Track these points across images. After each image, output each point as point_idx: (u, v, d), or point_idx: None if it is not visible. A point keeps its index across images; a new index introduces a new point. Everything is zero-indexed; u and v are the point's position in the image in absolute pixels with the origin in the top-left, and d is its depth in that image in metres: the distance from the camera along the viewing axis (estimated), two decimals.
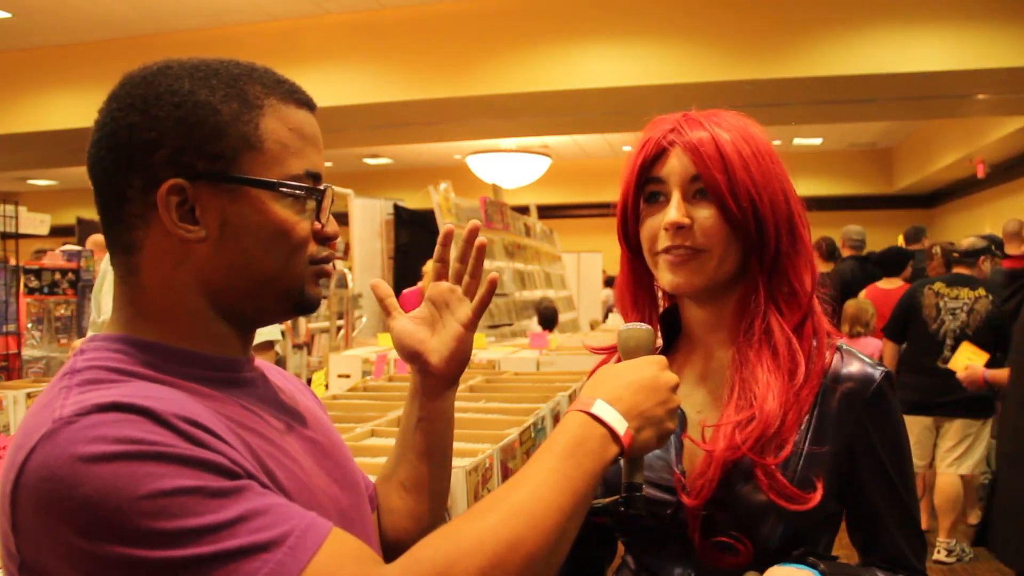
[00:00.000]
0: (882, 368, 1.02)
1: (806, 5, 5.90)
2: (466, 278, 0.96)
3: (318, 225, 0.79)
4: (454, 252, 0.98)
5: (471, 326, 0.95)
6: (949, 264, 4.38)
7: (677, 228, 0.98)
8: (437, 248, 0.96)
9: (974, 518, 4.42)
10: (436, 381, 0.95)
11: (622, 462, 0.86)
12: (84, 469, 0.58)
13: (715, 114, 1.03)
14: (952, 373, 3.78)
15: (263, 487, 0.65)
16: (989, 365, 3.71)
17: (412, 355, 0.94)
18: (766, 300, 1.02)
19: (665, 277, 1.02)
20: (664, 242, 1.00)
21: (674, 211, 0.98)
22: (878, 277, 5.17)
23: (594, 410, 0.79)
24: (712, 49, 6.02)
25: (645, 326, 0.92)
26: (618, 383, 0.83)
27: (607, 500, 0.90)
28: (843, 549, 1.05)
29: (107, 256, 2.47)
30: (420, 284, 6.03)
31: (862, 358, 1.03)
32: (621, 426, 0.79)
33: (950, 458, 4.05)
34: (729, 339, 1.05)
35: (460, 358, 0.95)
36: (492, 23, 6.36)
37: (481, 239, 0.95)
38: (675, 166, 1.00)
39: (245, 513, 0.61)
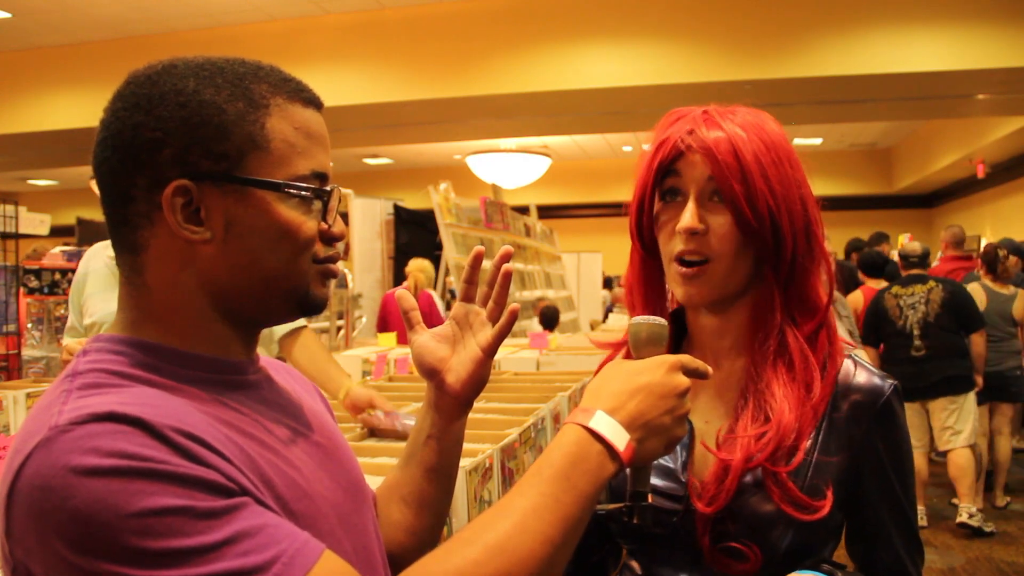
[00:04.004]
0: (891, 381, 1.01)
1: (806, 5, 5.90)
2: (490, 303, 0.95)
3: (324, 225, 0.77)
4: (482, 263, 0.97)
5: (490, 352, 0.93)
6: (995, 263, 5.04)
7: (691, 233, 0.97)
8: (466, 269, 0.96)
9: (1001, 501, 4.90)
10: (451, 401, 0.94)
11: (628, 470, 0.83)
12: (76, 481, 0.58)
13: (733, 112, 1.00)
14: (925, 359, 4.43)
15: (258, 502, 0.65)
16: (959, 347, 4.44)
17: (430, 372, 0.93)
18: (782, 313, 1.00)
19: (677, 290, 1.00)
20: (679, 245, 0.98)
21: (689, 216, 0.96)
22: (856, 280, 5.52)
23: (592, 424, 0.76)
24: (712, 49, 6.02)
25: (660, 320, 0.87)
26: (623, 388, 0.79)
27: (612, 507, 0.87)
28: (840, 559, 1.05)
29: (85, 257, 2.42)
30: (405, 285, 6.03)
31: (871, 369, 1.02)
32: (621, 440, 0.76)
33: (946, 435, 4.49)
34: (738, 347, 1.04)
35: (477, 382, 0.93)
36: (492, 23, 6.37)
37: (508, 266, 0.94)
38: (692, 168, 0.97)
39: (234, 535, 0.60)
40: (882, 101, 6.79)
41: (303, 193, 0.75)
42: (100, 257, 2.33)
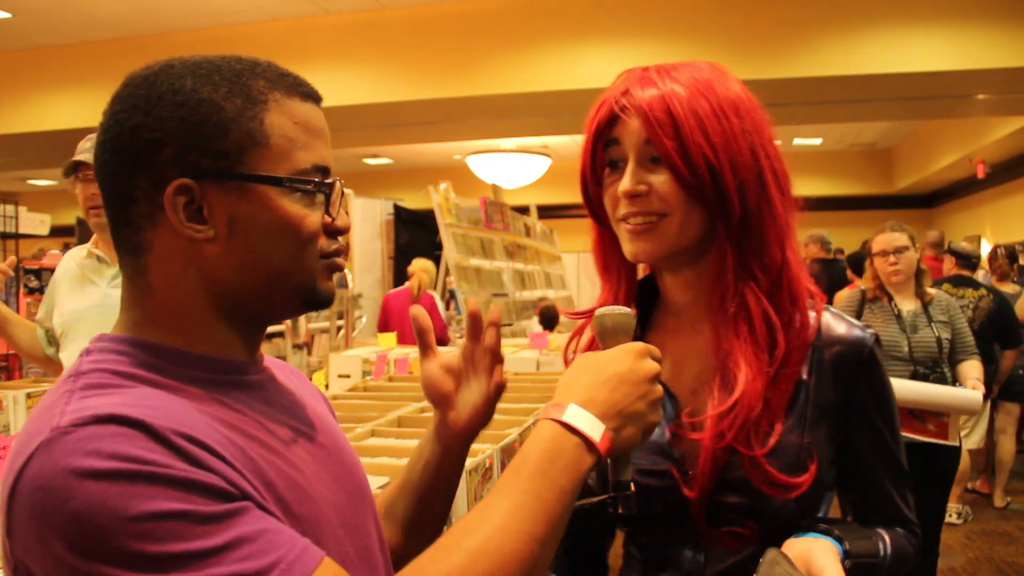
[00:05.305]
0: (871, 330, 1.01)
1: (806, 5, 5.90)
2: (484, 373, 0.94)
3: (328, 219, 0.77)
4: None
5: (491, 400, 0.94)
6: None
7: (632, 196, 0.95)
8: (467, 328, 0.95)
9: (985, 488, 5.14)
10: (452, 434, 0.94)
11: (608, 461, 0.83)
12: (76, 483, 0.58)
13: (677, 68, 0.97)
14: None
15: (259, 506, 0.64)
16: (988, 354, 4.41)
17: (436, 401, 0.94)
18: (736, 268, 0.97)
19: (626, 247, 0.99)
20: (623, 209, 0.97)
21: (628, 179, 0.95)
22: (845, 278, 5.72)
23: (566, 418, 0.75)
24: (712, 49, 6.01)
25: (624, 308, 0.87)
26: (593, 380, 0.79)
27: (594, 500, 0.86)
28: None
29: (61, 261, 2.40)
30: (407, 284, 6.05)
31: (850, 320, 1.01)
32: (597, 431, 0.76)
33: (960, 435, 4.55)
34: (706, 310, 1.02)
35: (478, 421, 0.94)
36: (492, 23, 6.36)
37: (492, 338, 0.93)
38: (628, 131, 0.95)
39: (233, 540, 0.60)
40: (882, 101, 6.78)
41: (306, 187, 0.74)
42: (73, 259, 2.35)
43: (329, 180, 0.77)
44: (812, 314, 1.00)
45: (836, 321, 1.01)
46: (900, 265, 3.21)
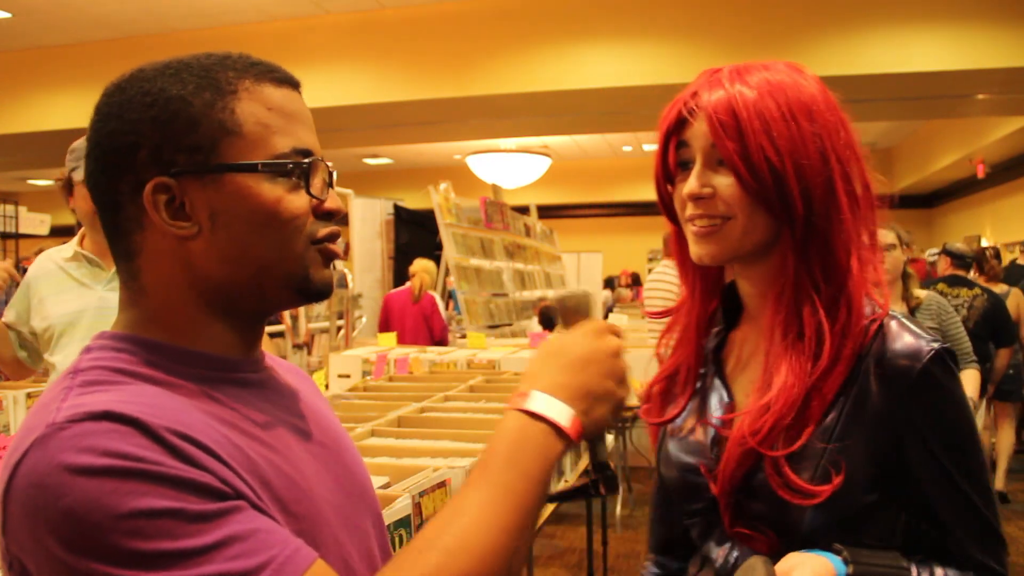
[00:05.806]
0: (936, 342, 0.91)
1: (806, 5, 5.90)
2: None
3: (315, 201, 0.76)
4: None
5: None
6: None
7: (697, 199, 0.95)
8: None
9: (1002, 486, 5.11)
10: None
11: (583, 444, 0.81)
12: (70, 480, 0.58)
13: (749, 69, 0.97)
14: None
15: (253, 506, 0.64)
16: (984, 353, 4.42)
17: None
18: (796, 273, 0.95)
19: (691, 249, 0.99)
20: (689, 211, 0.97)
21: (692, 182, 0.95)
22: None
23: (530, 406, 0.74)
24: (712, 49, 6.02)
25: (581, 289, 0.87)
26: (556, 365, 0.77)
27: (578, 483, 0.85)
28: None
29: (34, 263, 2.32)
30: (409, 284, 6.04)
31: (915, 331, 0.93)
32: (564, 416, 0.74)
33: None
34: (767, 311, 1.00)
35: None
36: (492, 23, 6.37)
37: None
38: (696, 133, 0.96)
39: (225, 538, 0.60)
40: (882, 101, 6.78)
41: (282, 170, 0.73)
42: (52, 260, 2.26)
43: (305, 160, 0.75)
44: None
45: (900, 331, 0.94)
46: (885, 264, 3.15)
